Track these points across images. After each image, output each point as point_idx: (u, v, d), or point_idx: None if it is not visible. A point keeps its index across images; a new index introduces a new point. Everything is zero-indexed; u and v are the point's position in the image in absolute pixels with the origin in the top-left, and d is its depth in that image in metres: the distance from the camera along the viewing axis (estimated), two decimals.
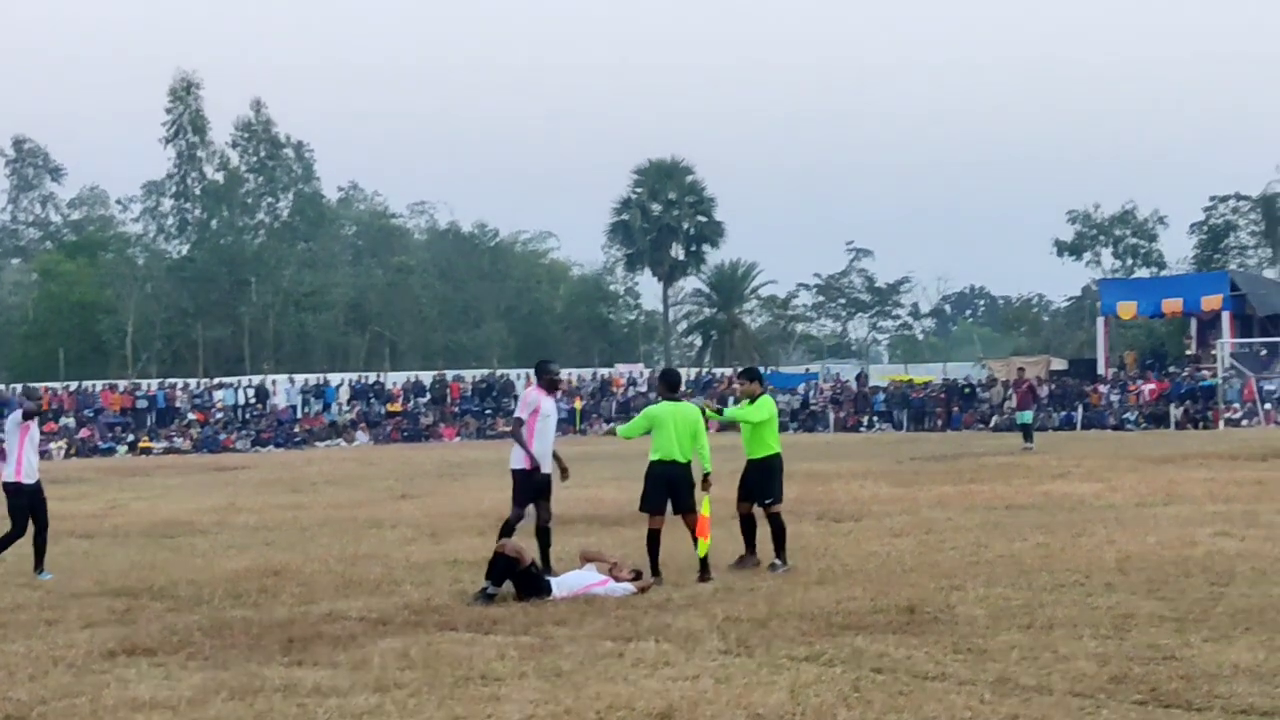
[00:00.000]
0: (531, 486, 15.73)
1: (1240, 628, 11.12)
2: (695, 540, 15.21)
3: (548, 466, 15.83)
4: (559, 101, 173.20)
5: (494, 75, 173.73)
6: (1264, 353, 63.30)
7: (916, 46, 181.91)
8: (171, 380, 70.79)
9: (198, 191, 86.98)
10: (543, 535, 15.77)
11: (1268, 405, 56.58)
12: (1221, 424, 54.77)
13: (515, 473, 15.76)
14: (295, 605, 14.11)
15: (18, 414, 17.46)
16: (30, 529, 17.13)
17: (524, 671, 10.24)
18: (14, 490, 17.14)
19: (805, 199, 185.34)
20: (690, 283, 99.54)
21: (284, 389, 69.19)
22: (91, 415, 65.55)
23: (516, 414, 16.09)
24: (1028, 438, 41.22)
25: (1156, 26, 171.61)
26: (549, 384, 16.18)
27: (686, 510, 15.30)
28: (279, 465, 46.14)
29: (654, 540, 15.12)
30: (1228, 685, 9.12)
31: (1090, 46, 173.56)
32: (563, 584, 14.15)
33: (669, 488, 15.21)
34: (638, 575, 14.51)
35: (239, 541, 20.91)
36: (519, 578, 13.98)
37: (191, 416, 65.97)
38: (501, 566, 14.02)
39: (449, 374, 74.06)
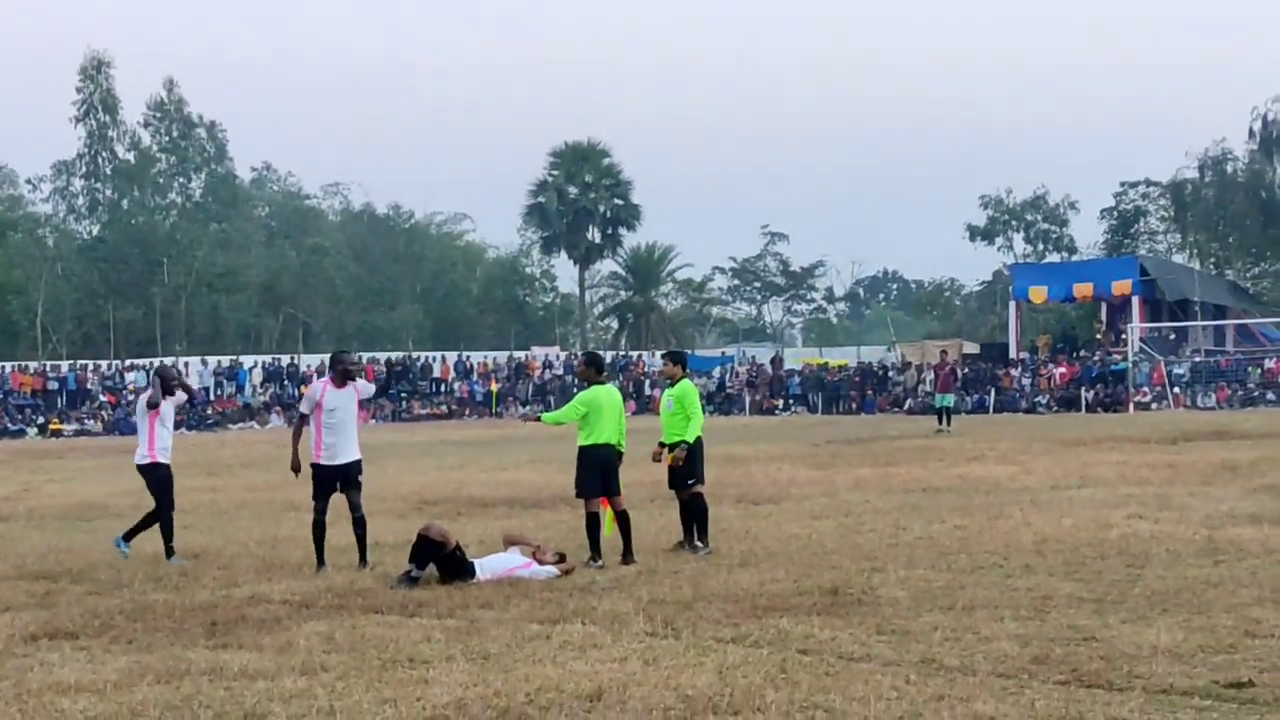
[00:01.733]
0: (324, 480, 15.60)
1: (1157, 609, 11.30)
2: (619, 521, 15.28)
3: (341, 459, 15.59)
4: (474, 82, 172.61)
5: (409, 55, 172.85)
6: (1173, 337, 64.26)
7: (831, 35, 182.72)
8: (83, 362, 69.99)
9: (109, 171, 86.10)
10: (357, 525, 15.71)
11: (1177, 389, 57.39)
12: (1131, 407, 55.50)
13: (311, 466, 15.65)
14: (217, 588, 14.04)
15: (144, 399, 17.25)
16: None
17: (451, 654, 10.23)
18: (149, 469, 16.96)
19: (721, 182, 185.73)
20: (606, 265, 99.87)
21: (196, 371, 68.55)
22: (0, 397, 64.71)
23: (300, 408, 15.83)
24: (944, 420, 41.50)
25: (1068, 14, 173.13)
26: (341, 375, 15.95)
27: (615, 493, 15.34)
28: (192, 448, 45.68)
29: (594, 523, 15.14)
30: (1147, 665, 9.26)
31: (1002, 35, 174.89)
32: (486, 567, 14.14)
33: (604, 471, 15.24)
34: (561, 558, 14.53)
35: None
36: (443, 561, 13.97)
37: (103, 398, 65.29)
38: (425, 549, 13.99)
39: (364, 356, 73.63)
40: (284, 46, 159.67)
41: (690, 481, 16.02)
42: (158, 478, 16.97)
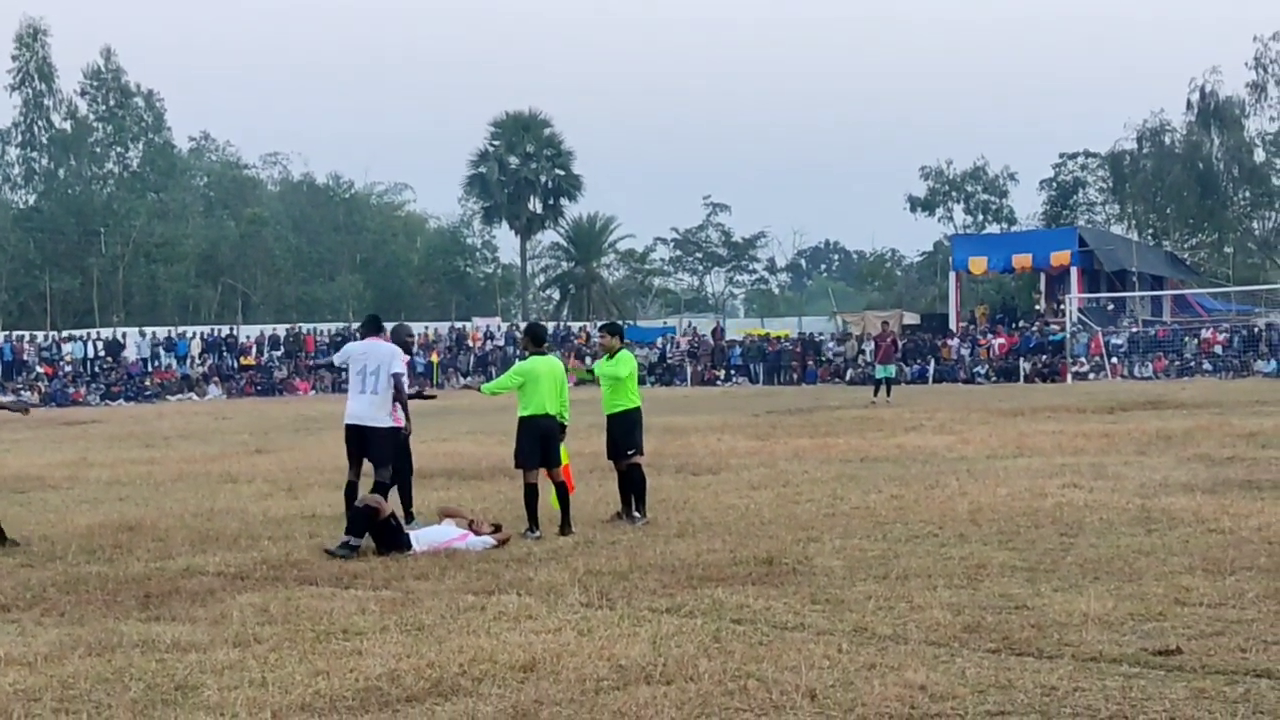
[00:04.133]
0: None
1: (1089, 577, 11.39)
2: (558, 492, 15.29)
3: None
4: (415, 51, 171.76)
5: (350, 24, 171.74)
6: (1110, 307, 64.74)
7: (772, 3, 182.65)
8: (19, 332, 69.27)
9: (45, 140, 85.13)
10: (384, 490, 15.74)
11: (1114, 359, 57.81)
12: (1069, 378, 55.88)
13: (391, 431, 15.48)
14: (151, 560, 13.94)
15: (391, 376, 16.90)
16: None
17: (385, 625, 10.22)
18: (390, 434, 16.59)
19: (663, 153, 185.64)
20: (548, 236, 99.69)
21: (135, 342, 68.05)
22: None
23: (394, 370, 15.36)
24: (881, 391, 41.58)
25: None
26: (405, 346, 16.14)
27: (555, 464, 15.33)
28: (130, 419, 45.49)
29: (532, 494, 15.12)
30: (1078, 633, 9.33)
31: (942, 4, 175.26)
32: (422, 538, 14.11)
33: (543, 441, 15.22)
34: (497, 528, 14.52)
35: (92, 496, 20.57)
36: (378, 529, 13.93)
37: (39, 370, 64.69)
38: (361, 519, 13.97)
39: (303, 327, 73.30)
40: (222, 17, 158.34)
41: (629, 452, 16.05)
42: (397, 442, 16.54)
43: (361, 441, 15.24)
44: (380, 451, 15.24)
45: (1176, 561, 11.99)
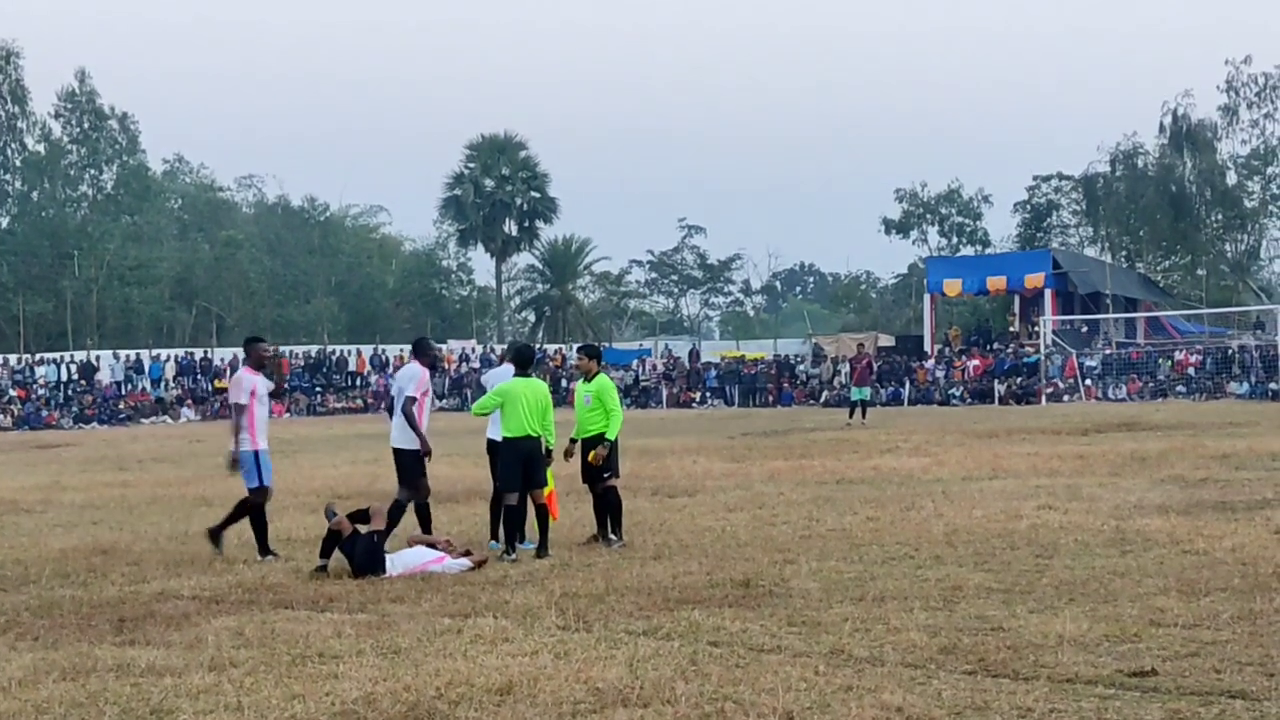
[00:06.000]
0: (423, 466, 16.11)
1: (1064, 599, 11.42)
2: (538, 514, 15.29)
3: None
4: (390, 74, 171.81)
5: (325, 46, 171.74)
6: (1084, 329, 64.89)
7: (748, 21, 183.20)
8: None
9: (18, 163, 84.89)
10: (424, 512, 16.20)
11: (1088, 381, 57.90)
12: (1044, 400, 55.95)
13: (407, 453, 15.99)
14: (125, 584, 13.90)
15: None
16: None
17: (362, 649, 10.19)
18: (492, 448, 16.66)
19: (638, 175, 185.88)
20: (523, 259, 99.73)
21: (108, 365, 67.79)
22: None
23: (409, 392, 16.09)
24: (856, 413, 41.56)
25: (982, 6, 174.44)
26: (432, 361, 16.49)
27: (538, 485, 15.34)
28: (104, 443, 45.28)
29: (513, 516, 15.14)
30: (1053, 655, 9.35)
31: (917, 26, 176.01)
32: (398, 561, 14.10)
33: (523, 462, 15.24)
34: (468, 552, 14.54)
35: (66, 520, 20.50)
36: (345, 545, 14.00)
37: (12, 393, 64.39)
38: (330, 540, 14.12)
39: (279, 349, 73.08)
40: (196, 38, 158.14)
41: (605, 475, 16.04)
42: (416, 463, 16.49)
43: (395, 461, 16.27)
44: (399, 471, 16.23)
45: (1151, 583, 12.02)
